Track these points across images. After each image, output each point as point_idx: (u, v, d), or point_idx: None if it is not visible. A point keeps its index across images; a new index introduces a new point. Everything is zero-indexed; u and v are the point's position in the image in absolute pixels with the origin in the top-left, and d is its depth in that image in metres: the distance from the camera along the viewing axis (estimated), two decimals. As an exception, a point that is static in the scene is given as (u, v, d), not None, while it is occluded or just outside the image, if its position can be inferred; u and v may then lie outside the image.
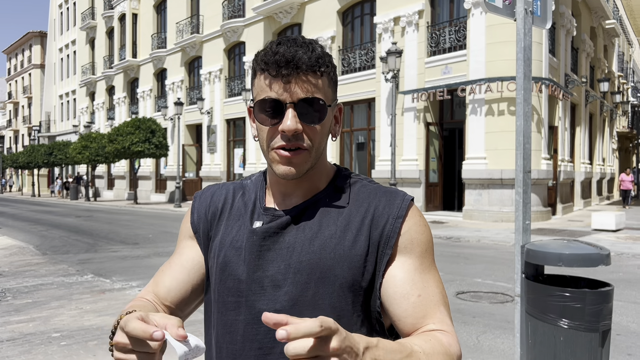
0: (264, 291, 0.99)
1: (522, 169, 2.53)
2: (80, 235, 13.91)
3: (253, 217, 1.05)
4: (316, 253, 0.98)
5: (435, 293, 0.99)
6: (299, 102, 0.94)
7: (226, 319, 1.01)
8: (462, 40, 15.68)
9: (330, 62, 1.00)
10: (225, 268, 1.03)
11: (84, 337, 4.99)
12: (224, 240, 1.06)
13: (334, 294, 0.97)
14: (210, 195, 1.15)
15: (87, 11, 39.79)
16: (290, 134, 0.95)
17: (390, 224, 1.00)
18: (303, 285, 0.97)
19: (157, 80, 31.56)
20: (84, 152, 28.94)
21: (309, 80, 0.95)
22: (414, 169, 16.58)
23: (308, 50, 0.96)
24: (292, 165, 0.97)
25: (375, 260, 0.99)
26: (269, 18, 22.51)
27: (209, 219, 1.11)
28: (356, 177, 1.10)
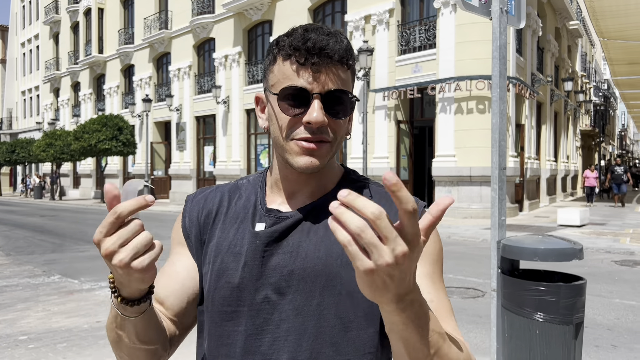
0: (267, 299, 0.92)
1: (498, 165, 2.57)
2: (46, 235, 13.56)
3: (255, 219, 0.98)
4: (322, 259, 0.91)
5: (445, 303, 0.94)
6: (327, 93, 0.90)
7: (222, 330, 0.94)
8: (432, 39, 15.86)
9: (355, 57, 0.96)
10: (221, 275, 0.95)
11: (53, 339, 4.87)
12: (220, 245, 0.98)
13: (340, 303, 0.90)
14: (203, 198, 1.08)
15: (51, 5, 38.73)
16: (317, 126, 0.90)
17: None
18: (308, 293, 0.91)
19: (125, 76, 30.96)
20: (48, 150, 28.19)
21: (338, 72, 0.90)
22: (385, 166, 16.70)
23: (338, 40, 0.91)
24: (314, 156, 0.91)
25: None
26: (239, 14, 22.33)
27: (202, 223, 1.03)
28: (365, 180, 1.04)
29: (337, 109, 0.91)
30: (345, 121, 0.95)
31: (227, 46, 22.95)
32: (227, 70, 22.95)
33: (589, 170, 20.45)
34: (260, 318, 0.92)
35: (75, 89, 36.62)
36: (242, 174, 22.16)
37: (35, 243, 12.00)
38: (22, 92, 45.61)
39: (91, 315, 5.70)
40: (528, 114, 17.36)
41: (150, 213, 20.27)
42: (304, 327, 0.90)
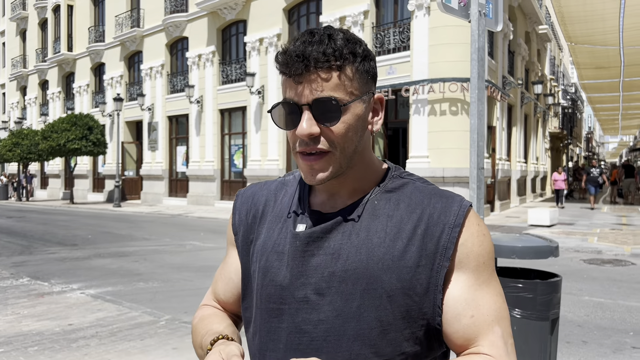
0: (307, 299, 0.93)
1: (476, 165, 2.61)
2: (13, 237, 13.21)
3: (297, 219, 1.00)
4: (363, 262, 0.91)
5: (490, 311, 0.92)
6: (314, 102, 0.88)
7: (270, 326, 0.97)
8: (406, 41, 16.01)
9: (353, 52, 0.91)
10: (267, 273, 0.98)
11: (24, 343, 4.75)
12: (266, 244, 1.00)
13: (381, 307, 0.90)
14: (251, 195, 1.11)
15: (18, 1, 37.74)
16: (305, 138, 0.90)
17: (447, 234, 0.92)
18: (348, 295, 0.91)
19: (95, 75, 30.38)
20: (14, 150, 27.46)
21: (321, 77, 0.88)
22: (359, 167, 16.76)
23: (321, 44, 0.89)
24: (313, 171, 0.92)
25: (430, 273, 0.91)
26: (213, 14, 22.15)
27: (250, 222, 1.07)
28: (409, 178, 1.01)
29: (324, 117, 0.89)
30: (343, 126, 0.91)
31: (200, 45, 22.75)
32: (200, 69, 22.74)
33: (556, 172, 20.30)
34: (299, 317, 0.93)
35: (43, 88, 35.77)
36: (215, 174, 21.98)
37: (1, 245, 11.68)
38: (-13, 90, 44.33)
39: (62, 318, 5.59)
40: (499, 116, 17.67)
41: (122, 214, 19.96)
42: (343, 329, 0.91)
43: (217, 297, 1.16)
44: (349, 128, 0.92)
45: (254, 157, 20.30)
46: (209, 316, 1.11)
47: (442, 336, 0.95)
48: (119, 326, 5.23)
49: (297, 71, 0.89)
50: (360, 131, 0.95)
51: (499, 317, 0.93)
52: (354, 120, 0.92)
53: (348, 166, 0.95)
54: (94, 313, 5.77)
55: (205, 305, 1.17)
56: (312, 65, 0.88)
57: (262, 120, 20.14)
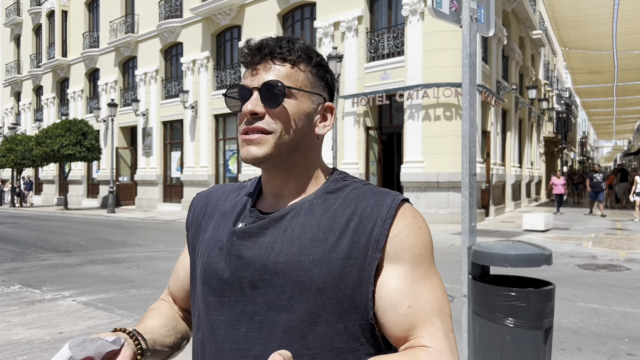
0: (243, 292, 0.97)
1: (468, 172, 2.59)
2: (5, 243, 13.10)
3: (239, 218, 1.04)
4: (294, 255, 0.94)
5: (429, 303, 0.92)
6: (263, 85, 0.96)
7: (211, 319, 1.00)
8: (400, 46, 16.04)
9: (309, 56, 1.00)
10: (208, 268, 1.02)
11: (12, 352, 4.68)
12: (210, 240, 1.05)
13: (311, 299, 0.92)
14: (206, 195, 1.17)
15: (12, 7, 37.68)
16: (248, 115, 0.96)
17: (379, 226, 0.94)
18: (279, 287, 0.94)
19: (89, 80, 30.30)
20: (8, 155, 27.32)
21: (275, 65, 0.97)
22: (354, 172, 16.77)
23: (281, 40, 0.99)
24: (251, 145, 0.96)
25: (362, 265, 0.92)
26: (207, 19, 22.15)
27: (199, 219, 1.12)
28: (350, 179, 1.05)
29: (270, 98, 0.96)
30: (287, 111, 0.97)
31: (195, 51, 22.72)
32: (195, 75, 22.71)
33: (555, 177, 19.42)
34: (238, 309, 0.96)
35: (37, 93, 35.65)
36: (210, 180, 21.92)
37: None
38: (-19, 96, 44.13)
39: (53, 326, 5.52)
40: (494, 120, 17.71)
41: (116, 220, 19.85)
42: (275, 320, 0.93)
43: (170, 292, 1.22)
44: (291, 116, 0.98)
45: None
46: (151, 310, 1.17)
47: (375, 331, 0.94)
48: (110, 334, 5.16)
49: (254, 60, 0.98)
50: (303, 126, 1.00)
51: (439, 310, 0.93)
52: (297, 111, 0.99)
53: (288, 158, 0.99)
54: (85, 321, 5.70)
55: (160, 300, 1.24)
56: (268, 54, 0.97)
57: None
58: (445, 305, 0.94)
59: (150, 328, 1.06)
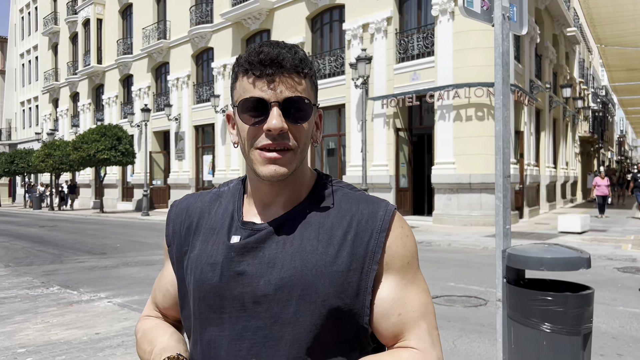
0: (244, 308, 0.97)
1: (502, 173, 2.54)
2: (45, 245, 13.49)
3: (230, 231, 1.02)
4: (297, 269, 0.95)
5: (415, 307, 0.99)
6: (284, 101, 0.94)
7: (210, 335, 0.99)
8: (430, 47, 15.89)
9: (312, 67, 1.00)
10: (202, 285, 1.00)
11: (52, 352, 4.81)
12: (200, 256, 1.03)
13: (316, 312, 0.95)
14: (185, 207, 1.13)
15: (50, 16, 38.85)
16: (276, 132, 0.93)
17: (375, 238, 0.98)
18: (284, 302, 0.95)
19: (123, 86, 31.00)
20: (47, 161, 28.15)
21: (294, 79, 0.95)
22: (384, 174, 16.68)
23: (291, 51, 0.96)
24: (277, 164, 0.95)
25: (360, 276, 0.97)
26: (237, 24, 22.39)
27: (184, 234, 1.09)
28: (337, 185, 1.07)
29: (296, 115, 0.95)
30: (307, 127, 0.98)
31: (225, 55, 23.00)
32: (225, 79, 22.99)
33: (598, 177, 18.07)
34: (239, 325, 0.96)
35: (74, 99, 36.65)
36: (241, 182, 22.11)
37: (34, 254, 11.93)
38: (22, 103, 45.64)
39: (90, 327, 5.65)
40: (527, 120, 17.37)
41: (150, 223, 20.23)
42: (280, 334, 0.94)
43: (157, 307, 1.20)
44: (308, 132, 0.99)
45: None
46: (152, 328, 1.14)
47: (368, 333, 1.00)
48: (145, 336, 5.26)
49: (271, 71, 0.94)
50: (309, 139, 1.01)
51: (424, 312, 1.00)
52: (311, 126, 1.01)
53: (296, 169, 0.99)
54: (120, 322, 5.81)
55: (147, 316, 1.21)
56: (287, 66, 0.94)
57: (286, 129, 20.20)
58: (429, 306, 1.01)
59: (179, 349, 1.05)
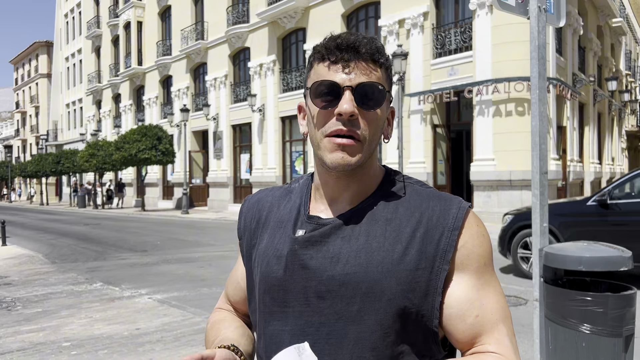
0: (308, 303, 0.95)
1: (539, 170, 2.47)
2: (89, 243, 13.93)
3: (296, 225, 1.02)
4: (362, 265, 0.92)
5: (494, 310, 0.94)
6: (358, 86, 0.92)
7: (273, 329, 0.98)
8: (467, 41, 15.62)
9: (389, 59, 0.98)
10: (267, 278, 1.00)
11: (94, 346, 4.96)
12: (267, 249, 1.03)
13: (381, 310, 0.91)
14: (256, 201, 1.14)
15: (93, 20, 40.03)
16: (347, 116, 0.91)
17: (446, 236, 0.93)
18: (348, 299, 0.92)
19: (163, 87, 31.66)
20: (91, 160, 29.04)
21: (369, 66, 0.94)
22: (421, 171, 16.50)
23: (368, 39, 0.96)
24: (345, 152, 0.93)
25: (430, 276, 0.92)
26: (273, 23, 22.54)
27: (253, 227, 1.10)
28: (407, 181, 1.03)
29: (368, 101, 0.93)
30: (378, 116, 0.96)
31: (261, 55, 23.19)
32: (262, 78, 23.18)
33: None
34: (302, 320, 0.95)
35: (116, 101, 37.67)
36: (277, 180, 22.29)
37: (78, 251, 12.34)
38: (67, 105, 47.22)
39: (131, 322, 5.80)
40: (570, 115, 16.87)
41: (189, 221, 20.61)
42: (344, 332, 0.92)
43: (229, 300, 1.21)
44: (379, 122, 0.96)
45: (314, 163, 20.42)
46: (220, 321, 1.16)
47: (438, 338, 0.95)
48: (183, 331, 5.37)
49: (346, 56, 0.93)
50: (380, 131, 0.98)
51: (503, 316, 0.94)
52: (383, 117, 0.98)
53: (364, 162, 0.96)
54: (160, 318, 5.95)
55: (219, 309, 1.23)
56: (363, 52, 0.93)
57: (322, 127, 20.24)
58: (507, 311, 0.96)
59: (237, 341, 1.06)
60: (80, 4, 43.08)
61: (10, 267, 9.94)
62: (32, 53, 57.52)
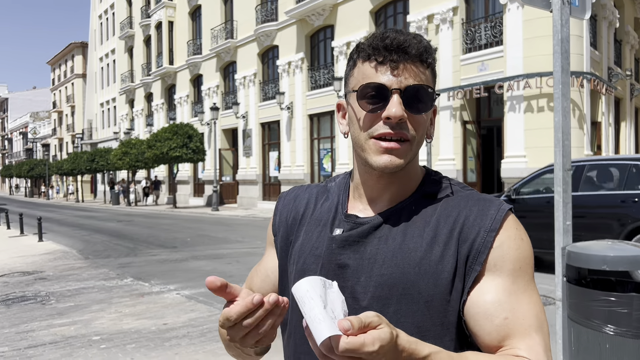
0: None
1: (562, 166, 2.41)
2: (121, 239, 14.24)
3: (334, 223, 1.00)
4: (399, 267, 0.90)
5: (527, 317, 0.87)
6: (406, 89, 0.90)
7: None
8: (498, 36, 15.34)
9: (435, 57, 0.96)
10: (303, 276, 0.96)
11: (123, 340, 5.07)
12: (304, 246, 1.01)
13: (418, 312, 0.89)
14: (293, 198, 1.13)
15: (126, 20, 40.84)
16: (396, 120, 0.90)
17: (482, 237, 0.90)
18: (384, 300, 0.90)
19: (194, 86, 32.09)
20: (124, 158, 29.66)
21: (418, 68, 0.91)
22: (451, 168, 16.31)
23: (416, 38, 0.93)
24: (393, 155, 0.91)
25: (463, 277, 0.90)
26: (301, 21, 22.58)
27: (290, 224, 1.08)
28: (447, 182, 1.01)
29: (417, 104, 0.91)
30: (425, 119, 0.94)
31: (290, 53, 23.27)
32: (290, 76, 23.26)
33: None
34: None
35: (148, 100, 38.37)
36: (305, 178, 22.35)
37: (111, 247, 12.63)
38: (101, 104, 48.33)
39: (159, 317, 5.90)
40: (605, 110, 16.40)
41: (219, 218, 20.86)
42: None
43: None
44: (425, 123, 0.94)
45: (342, 161, 20.40)
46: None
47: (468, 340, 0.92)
48: (209, 327, 5.44)
49: (395, 57, 0.91)
50: (425, 132, 0.96)
51: (538, 326, 0.87)
52: (429, 118, 0.96)
53: (410, 162, 0.94)
54: (187, 313, 6.04)
55: None
56: (412, 53, 0.91)
57: (351, 124, 20.21)
58: (544, 323, 0.89)
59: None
60: (114, 5, 44.00)
61: (45, 262, 10.24)
62: (68, 54, 59.01)
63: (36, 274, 8.92)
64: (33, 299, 7.02)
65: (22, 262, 10.36)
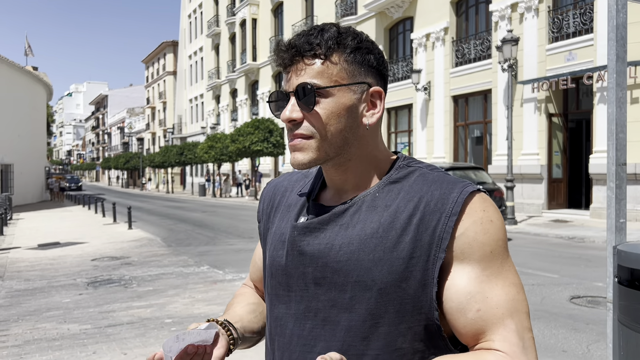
0: (307, 288, 0.96)
1: (615, 161, 2.27)
2: (203, 229, 14.91)
3: (301, 211, 1.02)
4: (354, 253, 0.91)
5: (500, 304, 0.86)
6: (296, 88, 0.91)
7: (278, 312, 1.00)
8: (588, 23, 14.41)
9: (342, 43, 0.92)
10: (273, 262, 1.02)
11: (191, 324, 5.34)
12: (275, 233, 1.04)
13: (372, 300, 0.89)
14: (274, 185, 1.15)
15: (212, 19, 42.47)
16: (286, 122, 0.94)
17: (443, 223, 0.88)
18: (341, 286, 0.91)
19: (276, 81, 32.84)
20: (210, 152, 30.95)
21: (305, 65, 0.91)
22: (534, 163, 15.58)
23: (309, 35, 0.92)
24: (297, 152, 0.94)
25: (425, 265, 0.88)
26: (380, 14, 22.42)
27: (268, 211, 1.11)
28: (416, 166, 0.98)
29: (306, 101, 0.91)
30: (325, 112, 0.91)
31: (369, 46, 23.15)
32: (368, 70, 23.17)
33: None
34: (303, 305, 0.96)
35: (233, 95, 39.74)
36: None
37: (193, 236, 13.27)
38: (190, 100, 50.66)
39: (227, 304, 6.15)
40: None
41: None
42: (337, 318, 0.92)
43: (251, 280, 1.26)
44: (330, 115, 0.92)
45: (419, 155, 20.08)
46: (238, 296, 1.23)
47: (441, 331, 0.90)
48: (273, 315, 5.60)
49: (285, 61, 0.93)
50: (347, 121, 0.93)
51: (512, 310, 0.87)
52: (337, 108, 0.92)
53: (338, 155, 0.94)
54: (254, 301, 6.25)
55: (244, 285, 1.29)
56: (297, 54, 0.92)
57: (427, 117, 19.83)
58: (520, 304, 0.88)
59: (239, 316, 1.10)
60: (202, 5, 45.89)
61: (132, 248, 10.96)
62: (160, 52, 62.28)
63: (123, 259, 9.58)
64: (117, 282, 7.56)
65: (112, 247, 11.16)
